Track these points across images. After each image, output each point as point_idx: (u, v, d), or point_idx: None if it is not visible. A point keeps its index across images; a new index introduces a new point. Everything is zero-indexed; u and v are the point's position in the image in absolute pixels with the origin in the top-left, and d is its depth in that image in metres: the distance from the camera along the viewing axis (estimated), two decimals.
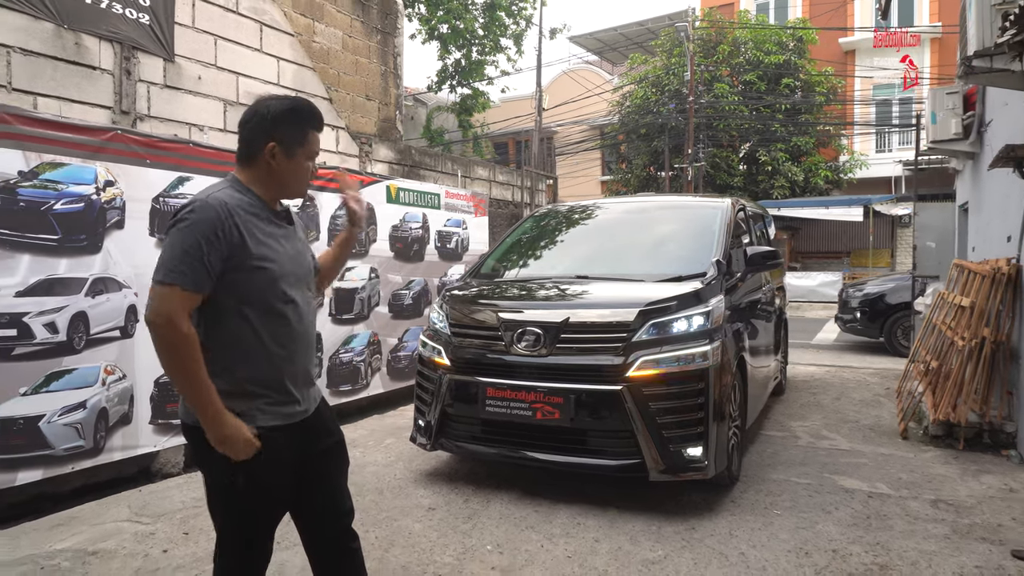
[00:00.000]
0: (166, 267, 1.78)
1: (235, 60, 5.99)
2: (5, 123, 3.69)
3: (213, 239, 1.79)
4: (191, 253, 1.77)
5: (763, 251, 4.76)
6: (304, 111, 1.99)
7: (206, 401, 1.78)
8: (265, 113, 1.94)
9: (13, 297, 3.79)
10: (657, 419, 3.55)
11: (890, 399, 6.56)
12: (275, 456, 1.90)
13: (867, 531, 3.43)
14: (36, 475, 3.89)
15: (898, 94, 21.49)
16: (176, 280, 1.77)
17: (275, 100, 1.98)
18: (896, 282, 9.98)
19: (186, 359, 1.76)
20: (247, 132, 1.96)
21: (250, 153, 1.95)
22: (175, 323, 1.75)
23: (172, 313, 1.75)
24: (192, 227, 1.79)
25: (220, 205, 1.82)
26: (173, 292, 1.76)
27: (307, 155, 1.99)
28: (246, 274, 1.85)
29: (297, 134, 1.96)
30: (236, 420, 1.83)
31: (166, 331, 1.75)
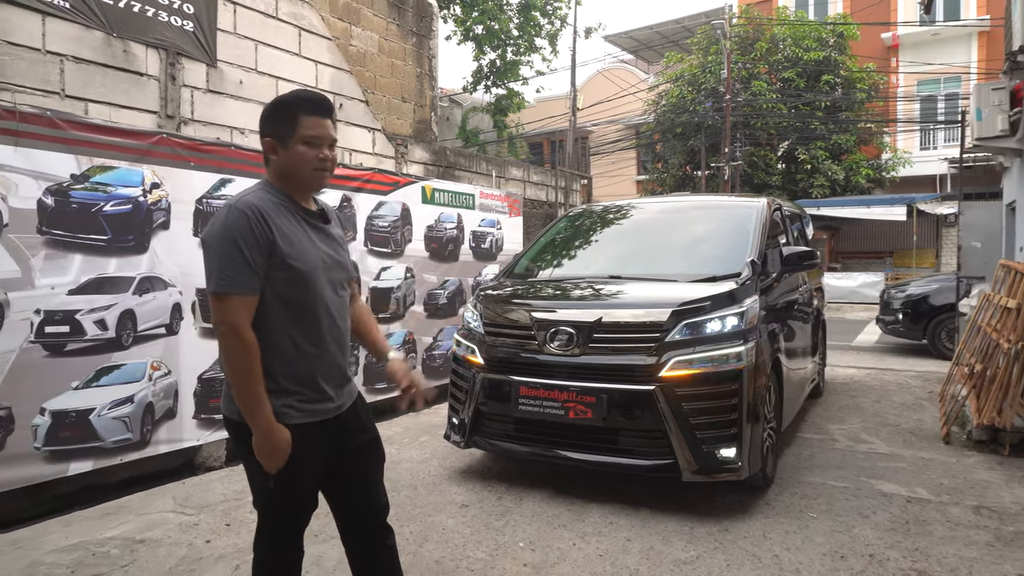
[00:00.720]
0: (216, 277, 1.82)
1: (274, 64, 6.13)
2: (59, 128, 3.85)
3: (251, 240, 1.83)
4: (234, 257, 1.82)
5: (799, 251, 4.69)
6: (290, 99, 2.00)
7: (258, 412, 1.84)
8: (264, 112, 2.00)
9: (66, 295, 3.95)
10: (690, 419, 3.55)
11: (932, 403, 6.41)
12: (306, 452, 1.94)
13: (905, 536, 3.38)
14: (87, 466, 4.05)
15: (943, 89, 20.94)
16: (229, 288, 1.82)
17: (272, 100, 2.04)
18: (940, 283, 9.73)
19: (247, 368, 1.83)
20: (260, 135, 2.02)
21: (264, 155, 2.01)
22: (239, 331, 1.82)
23: (235, 321, 1.82)
24: (227, 232, 1.83)
25: (248, 207, 1.86)
26: (231, 300, 1.82)
27: (301, 140, 1.95)
28: (280, 273, 1.89)
29: (286, 123, 1.95)
30: (283, 433, 1.88)
31: (231, 340, 1.82)
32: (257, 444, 1.86)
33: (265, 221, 1.87)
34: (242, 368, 1.83)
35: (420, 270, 6.72)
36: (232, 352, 1.82)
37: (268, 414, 1.86)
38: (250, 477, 2.01)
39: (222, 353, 1.85)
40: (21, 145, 3.69)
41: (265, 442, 1.85)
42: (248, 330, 1.83)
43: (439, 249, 6.97)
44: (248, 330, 1.83)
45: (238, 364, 1.83)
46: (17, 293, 3.73)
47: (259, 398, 1.84)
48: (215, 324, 1.84)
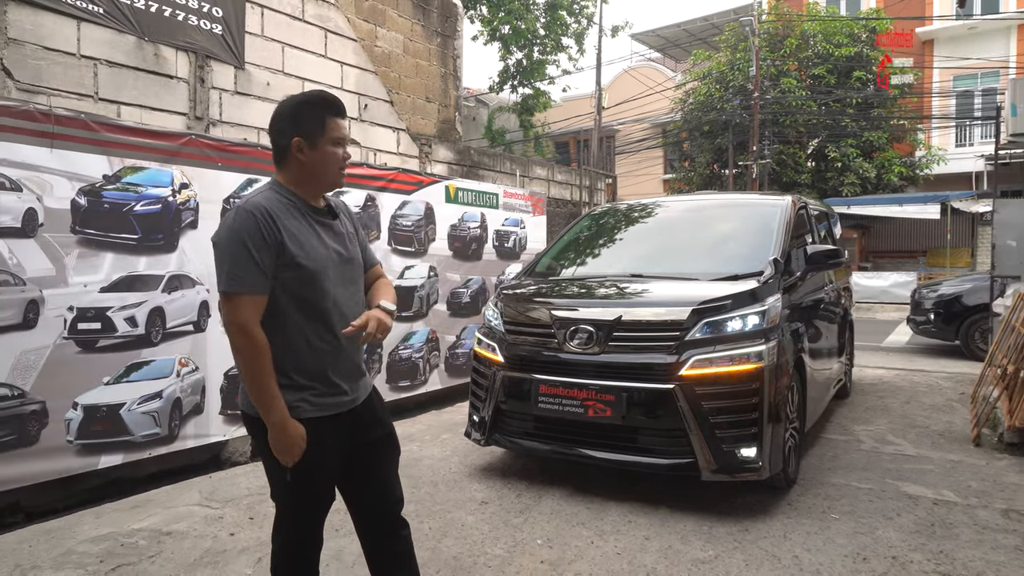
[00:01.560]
0: (226, 277, 1.87)
1: (301, 66, 6.23)
2: (92, 130, 3.96)
3: (259, 241, 1.86)
4: (243, 258, 1.85)
5: (824, 249, 4.64)
6: (317, 100, 2.03)
7: (272, 408, 1.89)
8: (283, 112, 2.01)
9: (98, 293, 4.07)
10: (710, 418, 3.53)
11: (964, 404, 6.27)
12: (322, 446, 1.98)
13: (930, 539, 3.32)
14: (117, 459, 4.16)
15: (980, 84, 20.44)
16: (239, 288, 1.86)
17: (292, 97, 2.05)
18: (973, 282, 9.51)
19: (257, 366, 1.87)
20: (274, 135, 2.02)
21: (280, 153, 2.02)
22: (249, 331, 1.86)
23: (245, 321, 1.86)
24: (236, 233, 1.86)
25: (256, 208, 1.90)
26: (240, 300, 1.86)
27: (331, 142, 2.00)
28: (289, 272, 1.92)
29: (315, 123, 1.98)
30: (298, 429, 1.92)
31: (240, 339, 1.86)
32: (272, 439, 1.90)
33: (273, 221, 1.90)
34: (253, 366, 1.87)
35: (443, 269, 6.77)
36: (243, 351, 1.87)
37: (282, 410, 1.89)
38: (268, 471, 2.05)
39: (233, 352, 1.89)
40: (56, 147, 3.81)
41: (279, 437, 1.90)
42: (257, 329, 1.87)
43: (462, 248, 7.02)
44: (257, 329, 1.87)
45: (249, 362, 1.87)
46: (52, 291, 3.85)
47: (272, 394, 1.88)
48: (226, 324, 1.88)
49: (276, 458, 1.94)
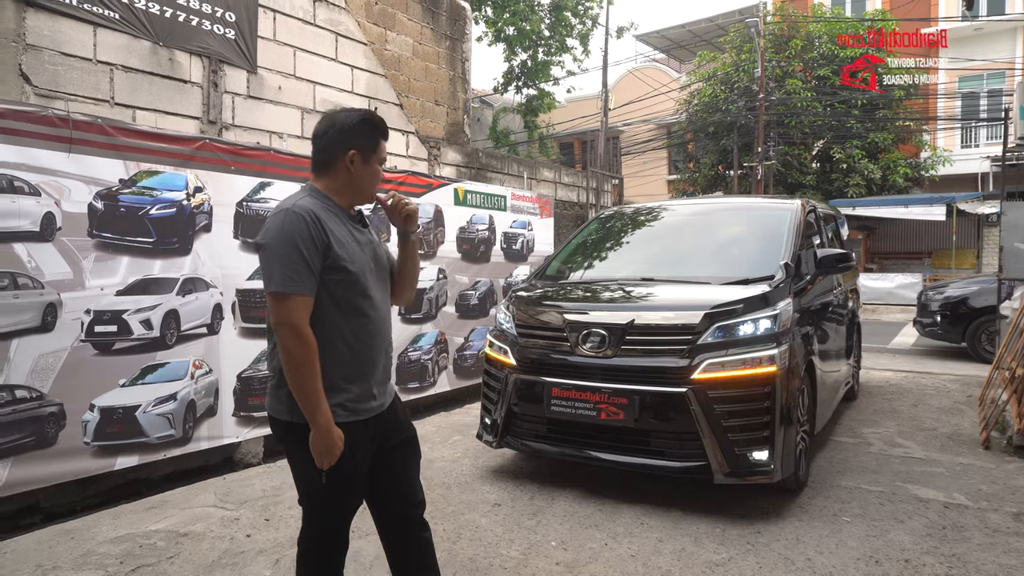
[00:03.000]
0: (279, 278, 1.89)
1: (312, 70, 6.27)
2: (108, 135, 4.00)
3: (309, 243, 1.91)
4: (295, 259, 1.89)
5: (835, 253, 4.66)
6: (376, 122, 2.14)
7: (319, 409, 1.92)
8: (342, 125, 2.08)
9: (114, 296, 4.11)
10: (722, 422, 3.55)
11: (971, 407, 6.28)
12: (356, 449, 2.02)
13: (942, 542, 3.34)
14: (132, 461, 4.20)
15: (987, 86, 20.41)
16: (291, 288, 1.89)
17: (349, 112, 2.12)
18: (980, 284, 9.51)
19: (309, 367, 1.90)
20: (325, 143, 2.09)
21: (328, 162, 2.08)
22: (301, 331, 1.89)
23: (297, 322, 1.89)
24: (287, 235, 1.91)
25: (305, 211, 1.94)
26: (293, 301, 1.90)
27: (379, 160, 2.14)
28: (335, 275, 1.97)
29: (371, 142, 2.10)
30: (338, 431, 1.95)
31: (293, 340, 1.88)
32: (315, 441, 1.93)
33: (321, 224, 1.95)
34: (304, 367, 1.89)
35: (452, 271, 6.80)
36: (294, 351, 1.88)
37: (327, 411, 1.93)
38: (298, 474, 2.07)
39: (282, 353, 1.90)
40: (74, 151, 3.85)
41: (323, 439, 1.92)
42: (308, 329, 1.91)
43: (471, 250, 7.05)
44: (308, 329, 1.91)
45: (301, 363, 1.89)
46: (69, 294, 3.89)
47: (320, 396, 1.92)
48: (276, 325, 1.90)
49: (309, 461, 1.96)
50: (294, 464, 2.08)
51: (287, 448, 2.08)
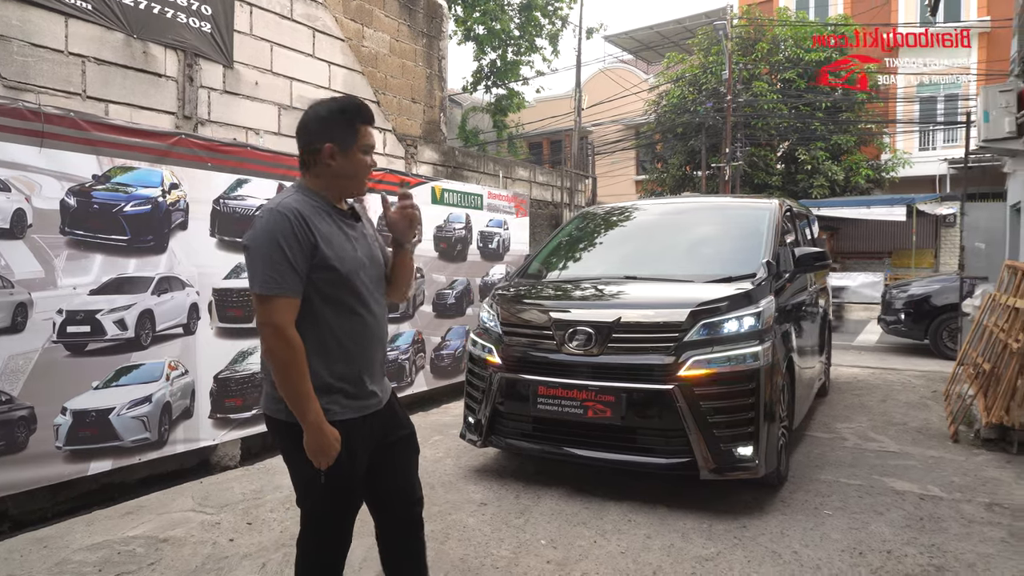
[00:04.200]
0: (260, 279, 1.86)
1: (289, 66, 6.16)
2: (81, 129, 3.88)
3: (293, 243, 1.87)
4: (278, 260, 1.86)
5: (812, 252, 4.75)
6: (351, 107, 2.04)
7: (308, 409, 1.88)
8: (316, 117, 2.02)
9: (87, 295, 3.98)
10: (708, 418, 3.59)
11: (937, 402, 6.47)
12: (353, 447, 1.99)
13: (921, 533, 3.43)
14: (106, 465, 4.08)
15: (943, 91, 21.02)
16: (275, 290, 1.86)
17: (323, 104, 2.05)
18: (942, 283, 9.80)
19: (293, 368, 1.87)
20: (305, 138, 2.03)
21: (310, 158, 2.02)
22: (284, 332, 1.86)
23: (280, 323, 1.86)
24: (271, 235, 1.87)
25: (290, 210, 1.90)
26: (276, 302, 1.86)
27: (361, 149, 2.04)
28: (323, 274, 1.93)
29: (348, 130, 2.01)
30: (333, 431, 1.92)
31: (276, 341, 1.86)
32: (308, 442, 1.89)
33: (306, 223, 1.91)
34: (289, 368, 1.86)
35: (429, 270, 6.76)
36: (278, 352, 1.86)
37: (318, 411, 1.89)
38: (296, 475, 2.04)
39: (268, 354, 1.88)
40: (45, 146, 3.72)
41: (316, 439, 1.89)
42: (293, 330, 1.88)
43: (448, 249, 7.01)
44: (293, 330, 1.88)
45: (285, 364, 1.86)
46: (40, 293, 3.76)
47: (308, 396, 1.88)
48: (260, 325, 1.87)
49: (307, 462, 1.92)
50: (291, 464, 2.04)
51: (284, 448, 2.04)
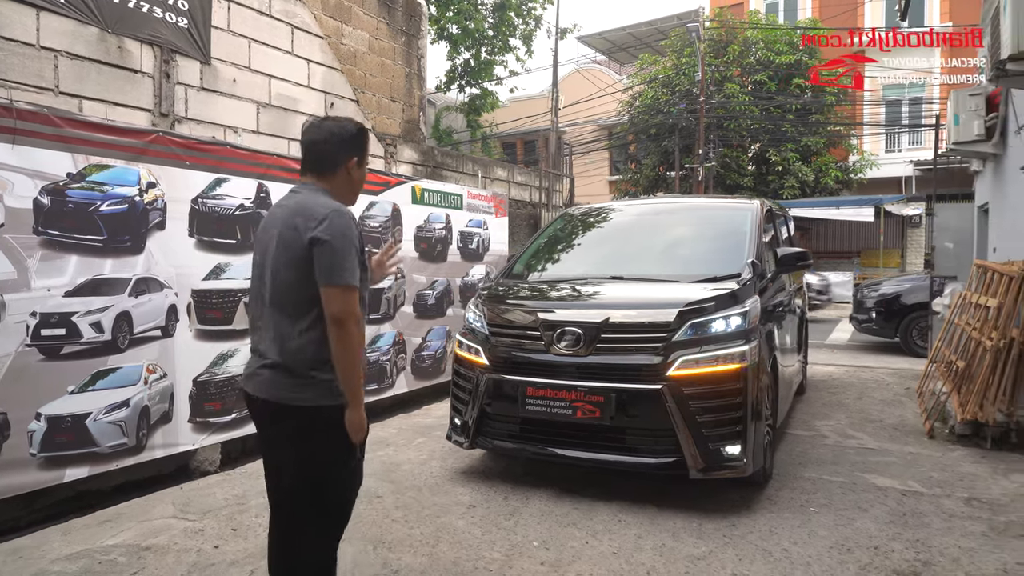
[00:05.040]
0: (345, 271, 2.07)
1: (268, 63, 6.05)
2: (55, 126, 3.76)
3: (359, 243, 2.15)
4: (355, 256, 2.11)
5: (794, 252, 4.82)
6: (367, 132, 2.43)
7: (360, 388, 2.13)
8: (344, 133, 2.28)
9: (62, 297, 3.86)
10: (697, 417, 3.61)
11: (911, 399, 6.60)
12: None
13: (905, 528, 3.48)
14: (83, 472, 3.97)
15: (908, 94, 21.49)
16: (356, 282, 2.10)
17: (346, 122, 2.33)
18: (912, 282, 9.99)
19: (359, 352, 2.13)
20: (329, 148, 2.26)
21: (332, 166, 2.27)
22: (361, 322, 2.15)
23: (359, 313, 2.12)
24: (349, 233, 2.10)
25: (351, 214, 2.18)
26: (355, 294, 2.10)
27: (367, 162, 2.42)
28: (362, 272, 2.19)
29: (365, 148, 2.37)
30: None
31: (355, 329, 2.09)
32: (353, 418, 2.12)
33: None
34: (358, 353, 2.12)
35: (410, 271, 6.70)
36: (354, 339, 2.09)
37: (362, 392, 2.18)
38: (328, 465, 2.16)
39: (345, 341, 2.06)
40: (18, 143, 3.60)
41: (360, 415, 2.13)
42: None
43: (428, 249, 6.96)
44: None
45: (357, 350, 2.11)
46: (13, 295, 3.64)
47: (361, 376, 2.16)
48: (346, 316, 2.05)
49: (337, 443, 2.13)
50: (320, 451, 2.14)
51: (313, 436, 2.13)
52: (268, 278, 2.17)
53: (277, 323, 2.14)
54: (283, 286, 2.12)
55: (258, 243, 2.28)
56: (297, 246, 2.08)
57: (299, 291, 2.10)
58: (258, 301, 2.24)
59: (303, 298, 2.10)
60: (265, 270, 2.19)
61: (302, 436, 2.12)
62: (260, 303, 2.22)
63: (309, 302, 2.09)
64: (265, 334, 2.18)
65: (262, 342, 2.20)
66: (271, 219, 2.25)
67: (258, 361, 2.20)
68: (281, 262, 2.12)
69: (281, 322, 2.13)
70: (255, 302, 2.27)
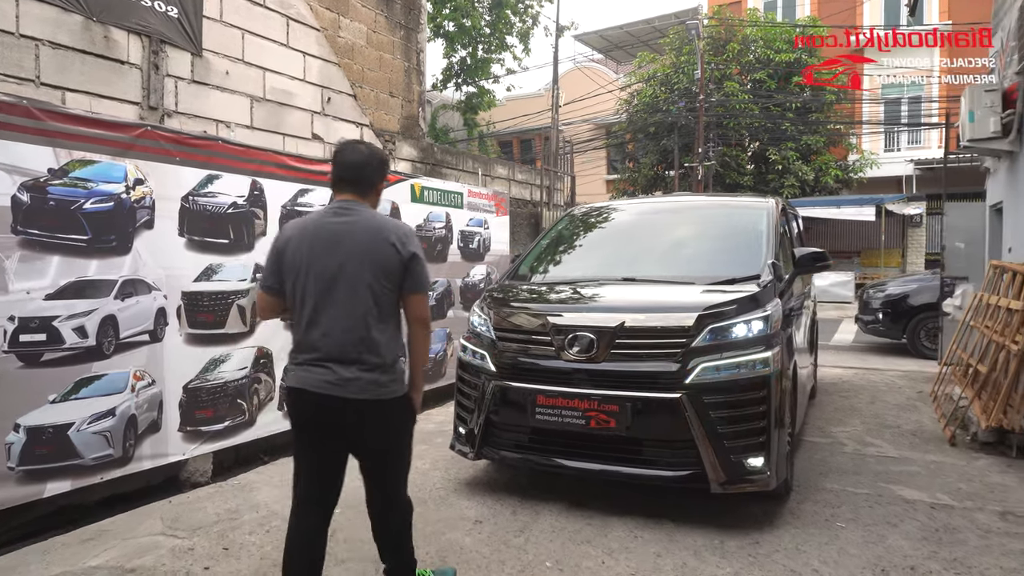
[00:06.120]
0: (428, 281, 2.51)
1: (262, 55, 5.81)
2: (36, 119, 3.54)
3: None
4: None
5: (812, 252, 4.64)
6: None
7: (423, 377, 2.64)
8: (381, 158, 2.64)
9: (43, 300, 3.63)
10: (718, 428, 3.40)
11: (925, 403, 6.42)
12: None
13: (940, 546, 3.28)
14: (64, 486, 3.74)
15: (907, 93, 21.37)
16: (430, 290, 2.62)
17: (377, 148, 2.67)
18: (919, 283, 9.84)
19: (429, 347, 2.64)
20: (371, 171, 2.54)
21: (370, 187, 2.56)
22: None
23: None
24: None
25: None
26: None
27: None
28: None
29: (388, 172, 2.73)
30: None
31: (429, 329, 2.60)
32: (419, 400, 2.61)
33: None
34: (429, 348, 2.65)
35: None
36: (429, 338, 2.63)
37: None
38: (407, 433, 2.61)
39: (428, 340, 2.59)
40: None
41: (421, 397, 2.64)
42: None
43: (428, 249, 6.72)
44: None
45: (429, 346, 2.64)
46: None
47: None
48: (428, 318, 2.57)
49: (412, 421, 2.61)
50: (404, 428, 2.56)
51: (400, 417, 2.52)
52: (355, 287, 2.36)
53: (368, 328, 2.37)
54: (380, 295, 2.37)
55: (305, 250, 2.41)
56: (396, 260, 2.38)
57: (391, 297, 2.41)
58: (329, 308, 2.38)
59: (392, 302, 2.43)
60: (339, 280, 2.36)
61: (400, 419, 2.52)
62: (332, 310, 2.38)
63: (395, 306, 2.45)
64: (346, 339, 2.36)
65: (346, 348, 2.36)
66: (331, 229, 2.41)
67: (349, 368, 2.36)
68: (378, 273, 2.37)
69: (374, 327, 2.38)
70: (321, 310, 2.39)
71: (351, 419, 2.40)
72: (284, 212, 5.01)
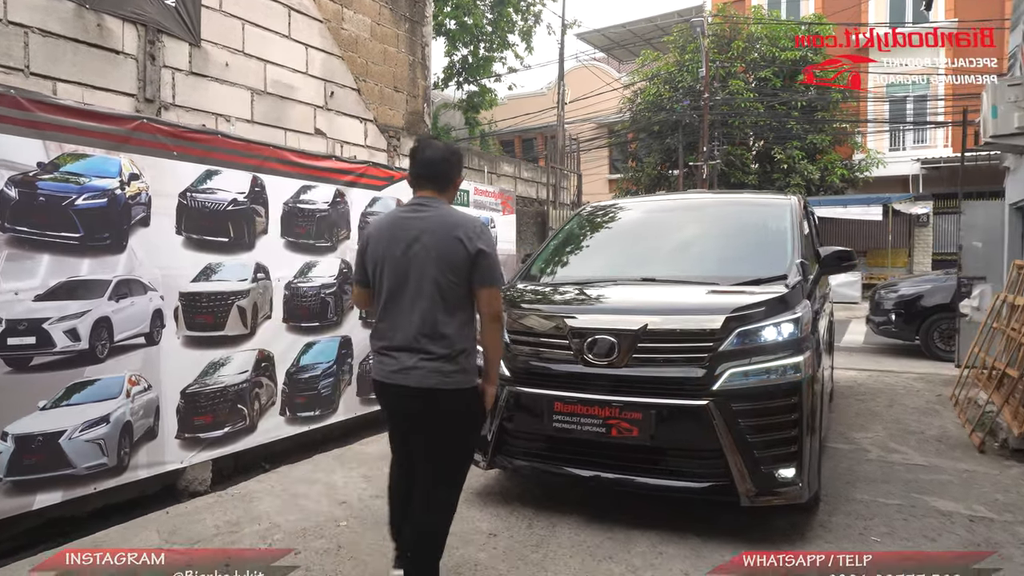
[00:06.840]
0: (499, 276, 2.54)
1: (263, 47, 5.61)
2: (24, 110, 3.35)
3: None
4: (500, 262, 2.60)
5: (837, 251, 4.45)
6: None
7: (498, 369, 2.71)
8: (458, 153, 2.73)
9: (32, 302, 3.44)
10: (747, 437, 3.20)
11: (946, 407, 6.23)
12: None
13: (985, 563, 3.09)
14: (55, 498, 3.55)
15: (913, 92, 21.18)
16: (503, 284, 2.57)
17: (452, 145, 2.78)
18: (933, 283, 9.64)
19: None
20: (448, 167, 2.64)
21: (447, 182, 2.65)
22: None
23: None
24: (494, 242, 2.55)
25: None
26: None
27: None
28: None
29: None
30: None
31: (501, 322, 2.58)
32: (492, 393, 2.67)
33: None
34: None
35: None
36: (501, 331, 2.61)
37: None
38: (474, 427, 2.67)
39: (500, 333, 2.59)
40: None
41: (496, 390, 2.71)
42: None
43: None
44: None
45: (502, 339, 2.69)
46: None
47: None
48: (500, 311, 2.56)
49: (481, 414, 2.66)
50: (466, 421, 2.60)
51: (463, 409, 2.55)
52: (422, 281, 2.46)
53: (435, 320, 2.46)
54: (446, 289, 2.46)
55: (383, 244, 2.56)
56: (463, 255, 2.45)
57: (458, 291, 2.48)
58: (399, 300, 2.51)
59: (460, 296, 2.49)
60: (409, 274, 2.48)
61: (467, 410, 2.57)
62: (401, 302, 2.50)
63: (464, 299, 2.51)
64: (412, 330, 2.47)
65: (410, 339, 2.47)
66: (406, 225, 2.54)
67: (412, 357, 2.46)
68: (444, 267, 2.45)
69: (441, 320, 2.46)
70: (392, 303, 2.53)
71: (414, 407, 2.52)
72: (286, 209, 4.83)
